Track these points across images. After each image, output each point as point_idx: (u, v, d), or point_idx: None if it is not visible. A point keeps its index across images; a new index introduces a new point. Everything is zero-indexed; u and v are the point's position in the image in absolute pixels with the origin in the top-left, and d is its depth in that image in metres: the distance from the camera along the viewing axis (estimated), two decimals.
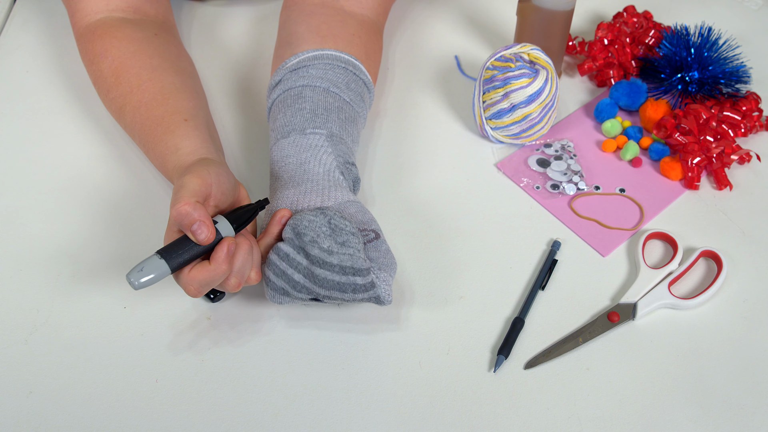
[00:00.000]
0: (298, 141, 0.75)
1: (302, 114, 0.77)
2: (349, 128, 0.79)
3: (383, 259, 0.68)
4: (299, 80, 0.79)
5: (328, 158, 0.74)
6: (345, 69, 0.80)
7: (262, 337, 0.70)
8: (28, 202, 0.81)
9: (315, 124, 0.76)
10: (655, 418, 0.66)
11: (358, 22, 0.86)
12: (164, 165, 0.73)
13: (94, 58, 0.82)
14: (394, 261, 0.69)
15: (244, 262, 0.64)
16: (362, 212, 0.71)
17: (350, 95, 0.80)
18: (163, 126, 0.74)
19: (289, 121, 0.77)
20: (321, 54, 0.80)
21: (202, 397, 0.66)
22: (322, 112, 0.77)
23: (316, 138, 0.75)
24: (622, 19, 0.98)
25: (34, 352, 0.69)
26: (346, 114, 0.79)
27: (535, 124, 0.84)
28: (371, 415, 0.66)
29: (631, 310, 0.72)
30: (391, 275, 0.68)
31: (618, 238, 0.79)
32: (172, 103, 0.76)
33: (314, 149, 0.75)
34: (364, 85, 0.82)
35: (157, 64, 0.80)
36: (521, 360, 0.69)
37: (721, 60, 0.89)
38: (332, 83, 0.79)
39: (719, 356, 0.70)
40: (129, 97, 0.77)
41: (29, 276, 0.75)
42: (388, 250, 0.69)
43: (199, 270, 0.62)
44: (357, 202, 0.72)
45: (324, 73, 0.79)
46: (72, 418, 0.65)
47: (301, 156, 0.74)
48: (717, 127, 0.85)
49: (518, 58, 0.83)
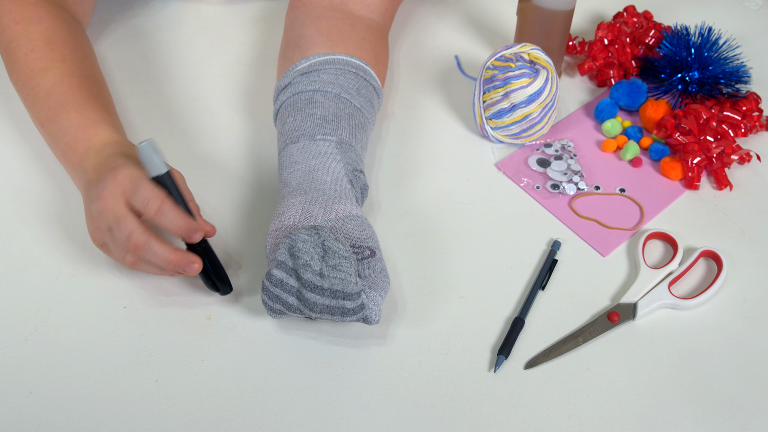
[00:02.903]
0: (307, 147, 0.75)
1: (312, 119, 0.76)
2: (359, 135, 0.78)
3: (375, 278, 0.68)
4: (310, 84, 0.78)
5: (337, 166, 0.74)
6: (356, 74, 0.80)
7: (262, 337, 0.70)
8: (28, 201, 0.81)
9: (325, 130, 0.76)
10: (655, 418, 0.66)
11: (366, 26, 0.86)
12: (91, 129, 0.73)
13: (21, 20, 0.81)
14: (387, 280, 0.69)
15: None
16: (361, 228, 0.71)
17: (361, 101, 0.79)
18: (100, 102, 0.77)
19: (299, 126, 0.76)
20: (332, 59, 0.80)
21: (202, 397, 0.66)
22: (332, 118, 0.77)
23: (326, 145, 0.75)
24: (622, 19, 0.98)
25: (34, 352, 0.69)
26: (356, 121, 0.78)
27: (535, 123, 0.84)
28: (371, 415, 0.66)
29: (631, 310, 0.72)
30: (381, 295, 0.67)
31: (618, 238, 0.79)
32: (104, 93, 0.80)
33: (323, 156, 0.74)
34: (374, 90, 0.82)
35: (86, 55, 0.82)
36: (521, 360, 0.69)
37: (721, 60, 0.89)
38: (343, 89, 0.78)
39: (719, 356, 0.70)
40: (59, 63, 0.78)
41: (29, 276, 0.75)
42: (382, 269, 0.69)
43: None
44: (358, 217, 0.72)
45: (335, 78, 0.79)
46: (72, 418, 0.65)
47: (310, 163, 0.74)
48: (717, 127, 0.85)
49: (518, 58, 0.83)
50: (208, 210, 0.80)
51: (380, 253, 0.70)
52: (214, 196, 0.82)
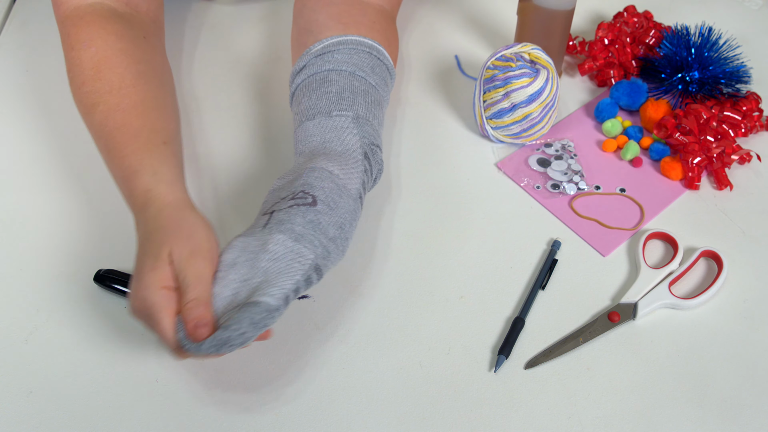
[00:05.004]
0: (323, 123, 0.75)
1: (328, 97, 0.77)
2: (375, 111, 0.79)
3: (302, 228, 0.64)
4: (324, 65, 0.79)
5: (353, 139, 0.74)
6: (369, 53, 0.81)
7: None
8: (28, 201, 0.81)
9: (341, 106, 0.76)
10: (655, 418, 0.66)
11: (375, 11, 0.86)
12: (130, 181, 0.68)
13: (76, 45, 0.77)
14: (314, 234, 0.64)
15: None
16: (320, 179, 0.68)
17: (375, 79, 0.80)
18: (140, 141, 0.70)
19: (315, 104, 0.77)
20: (345, 39, 0.80)
21: (202, 397, 0.66)
22: (348, 95, 0.77)
23: (342, 120, 0.75)
24: (623, 18, 0.98)
25: (34, 352, 0.69)
26: (372, 97, 0.79)
27: (535, 123, 0.84)
28: (371, 415, 0.66)
29: (631, 310, 0.72)
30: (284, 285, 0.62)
31: (618, 238, 0.79)
32: (152, 119, 0.73)
33: (339, 130, 0.74)
34: (387, 70, 0.83)
35: (142, 71, 0.76)
36: (521, 360, 0.69)
37: (721, 60, 0.89)
38: (358, 67, 0.79)
39: (719, 356, 0.70)
40: (106, 96, 0.73)
41: (29, 276, 0.75)
42: (312, 221, 0.65)
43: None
44: (329, 172, 0.69)
45: (349, 57, 0.79)
46: (72, 418, 0.65)
47: (325, 136, 0.74)
48: (717, 127, 0.85)
49: (519, 58, 0.83)
50: (207, 211, 0.80)
51: (324, 206, 0.66)
52: (214, 196, 0.82)
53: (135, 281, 0.62)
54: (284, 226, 0.64)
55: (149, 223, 0.64)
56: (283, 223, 0.64)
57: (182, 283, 0.60)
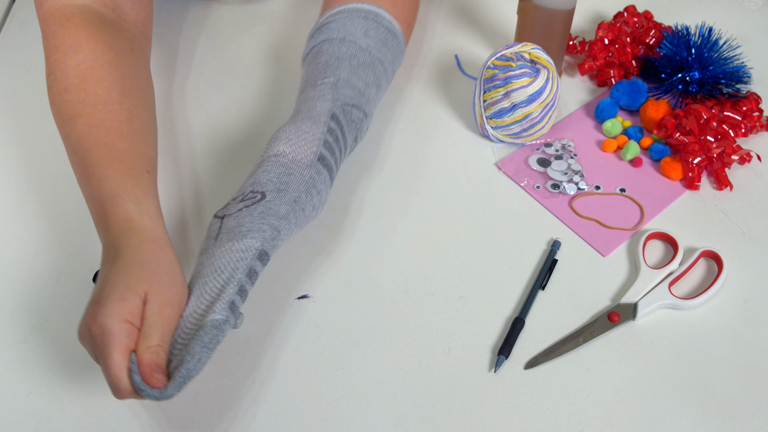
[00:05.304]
0: (307, 93, 0.77)
1: (317, 68, 0.79)
2: (362, 72, 0.80)
3: (250, 224, 0.65)
4: (320, 37, 0.82)
5: (324, 105, 0.75)
6: (365, 18, 0.82)
7: (261, 337, 0.70)
8: (28, 201, 0.81)
9: (325, 74, 0.78)
10: (655, 418, 0.66)
11: None
12: (109, 204, 0.65)
13: (61, 47, 0.72)
14: (263, 225, 0.65)
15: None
16: (267, 171, 0.69)
17: (367, 42, 0.81)
18: (124, 165, 0.67)
19: (308, 77, 0.80)
20: (342, 9, 0.82)
21: (202, 397, 0.66)
22: (333, 61, 0.79)
23: (322, 88, 0.77)
24: (623, 18, 0.98)
25: (34, 352, 0.69)
26: (359, 60, 0.80)
27: (535, 123, 0.84)
28: (371, 415, 0.66)
29: (631, 310, 0.72)
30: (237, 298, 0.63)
31: (618, 238, 0.79)
32: (137, 144, 0.70)
33: (313, 99, 0.76)
34: (387, 30, 0.83)
35: (129, 88, 0.72)
36: (521, 360, 0.69)
37: (721, 60, 0.89)
38: (349, 33, 0.81)
39: (719, 356, 0.70)
40: (90, 109, 0.69)
41: (29, 276, 0.75)
42: (261, 213, 0.66)
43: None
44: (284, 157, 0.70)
45: (341, 25, 0.81)
46: (72, 418, 0.65)
47: (300, 107, 0.76)
48: (717, 127, 0.85)
49: (519, 58, 0.83)
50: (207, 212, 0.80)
51: (273, 195, 0.67)
52: (213, 196, 0.81)
53: (97, 305, 0.58)
54: (232, 233, 0.65)
55: (128, 252, 0.61)
56: (231, 231, 0.65)
57: (147, 327, 0.58)
